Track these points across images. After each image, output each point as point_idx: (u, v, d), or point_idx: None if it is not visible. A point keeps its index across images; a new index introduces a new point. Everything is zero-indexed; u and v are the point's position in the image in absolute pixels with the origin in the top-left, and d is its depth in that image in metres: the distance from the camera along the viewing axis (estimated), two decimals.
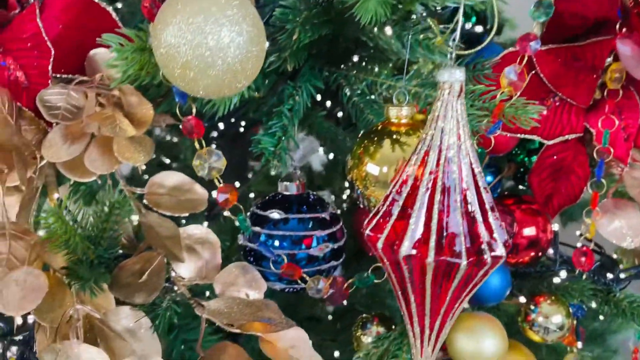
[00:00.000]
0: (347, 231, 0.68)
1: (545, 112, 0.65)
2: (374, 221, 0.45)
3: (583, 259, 0.66)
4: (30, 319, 0.51)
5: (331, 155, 0.99)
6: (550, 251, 0.73)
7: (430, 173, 0.42)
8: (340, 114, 0.95)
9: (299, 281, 0.61)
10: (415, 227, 0.42)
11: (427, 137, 0.43)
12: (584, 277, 0.68)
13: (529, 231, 0.67)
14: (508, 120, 0.58)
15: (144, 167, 0.95)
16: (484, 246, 0.42)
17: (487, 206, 0.43)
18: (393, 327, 0.67)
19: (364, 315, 0.70)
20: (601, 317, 1.01)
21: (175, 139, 1.19)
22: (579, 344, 0.69)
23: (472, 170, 0.43)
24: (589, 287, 0.65)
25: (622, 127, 0.69)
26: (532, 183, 0.72)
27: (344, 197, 1.08)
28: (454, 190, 0.42)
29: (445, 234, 0.41)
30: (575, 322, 0.69)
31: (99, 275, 0.51)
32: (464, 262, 0.41)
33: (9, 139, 0.57)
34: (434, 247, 0.41)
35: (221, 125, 0.88)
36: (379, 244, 0.43)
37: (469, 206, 0.42)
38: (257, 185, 0.95)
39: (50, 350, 0.49)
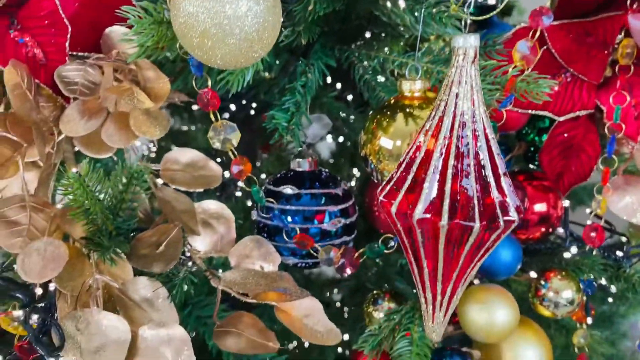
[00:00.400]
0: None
1: (556, 88, 0.65)
2: (388, 188, 0.45)
3: (593, 234, 0.67)
4: (51, 287, 0.52)
5: (340, 139, 1.00)
6: (561, 230, 0.74)
7: (444, 138, 0.43)
8: (350, 97, 0.95)
9: (312, 252, 0.62)
10: (429, 191, 0.42)
11: (441, 103, 0.44)
12: (594, 253, 0.68)
13: (540, 207, 0.67)
14: (520, 94, 0.58)
15: (153, 155, 0.96)
16: (497, 210, 0.42)
17: (500, 171, 0.43)
18: (404, 302, 0.67)
19: (375, 291, 0.71)
20: (610, 300, 1.02)
21: (184, 127, 1.20)
22: (589, 320, 0.69)
23: (486, 135, 0.43)
24: (599, 262, 0.66)
25: (632, 105, 0.70)
26: (542, 161, 0.72)
27: (352, 183, 1.09)
28: (467, 155, 0.42)
29: (458, 197, 0.42)
30: (585, 298, 0.69)
31: (118, 244, 0.52)
32: (477, 225, 0.41)
33: (28, 114, 0.58)
34: (447, 211, 0.42)
35: (232, 107, 0.89)
36: (393, 209, 0.44)
37: (483, 171, 0.42)
38: (268, 165, 0.96)
39: (71, 317, 0.50)
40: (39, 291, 0.55)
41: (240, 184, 0.86)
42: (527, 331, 0.68)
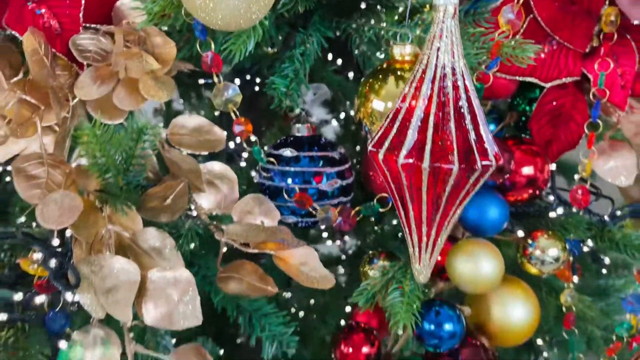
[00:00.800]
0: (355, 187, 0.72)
1: (543, 56, 0.68)
2: (376, 138, 0.49)
3: (579, 196, 0.70)
4: (68, 234, 0.57)
5: (342, 115, 1.04)
6: (552, 198, 0.77)
7: (427, 89, 0.46)
8: (351, 74, 0.99)
9: (311, 210, 0.66)
10: (412, 138, 0.46)
11: (424, 57, 0.48)
12: (581, 214, 0.71)
13: (528, 170, 0.70)
14: (506, 59, 0.62)
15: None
16: (475, 154, 0.46)
17: (479, 120, 0.47)
18: (398, 261, 0.71)
19: (371, 252, 0.75)
20: (604, 271, 1.05)
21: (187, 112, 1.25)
22: (575, 279, 0.72)
23: (466, 86, 0.47)
24: (584, 222, 0.69)
25: (619, 74, 0.73)
26: (532, 129, 0.76)
27: (354, 161, 1.13)
28: (447, 104, 0.46)
29: (439, 143, 0.45)
30: (571, 258, 0.72)
31: (129, 197, 0.56)
32: (455, 167, 0.45)
33: (45, 79, 0.62)
34: (429, 155, 0.45)
35: (237, 81, 0.93)
36: (380, 156, 0.48)
37: (462, 119, 0.46)
38: (271, 139, 1.00)
39: (86, 261, 0.55)
40: (55, 242, 0.59)
41: (245, 154, 0.91)
42: (516, 289, 0.71)
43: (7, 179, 0.99)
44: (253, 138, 0.65)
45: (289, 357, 0.71)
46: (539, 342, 1.03)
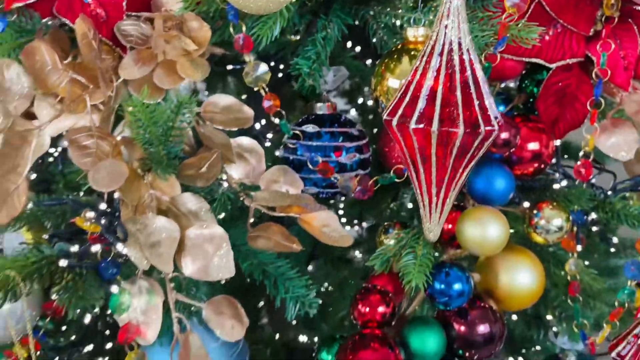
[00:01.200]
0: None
1: (547, 38, 0.73)
2: (390, 107, 0.55)
3: (582, 170, 0.75)
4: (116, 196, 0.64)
5: (360, 100, 1.10)
6: (557, 175, 0.82)
7: (436, 62, 0.52)
8: (369, 62, 1.05)
9: (332, 179, 0.71)
10: (422, 106, 0.51)
11: (433, 34, 0.53)
12: (584, 186, 0.76)
13: (533, 145, 0.75)
14: (512, 40, 0.67)
15: None
16: (479, 119, 0.51)
17: (483, 90, 0.52)
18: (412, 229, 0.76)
19: (386, 223, 0.80)
20: (612, 250, 1.09)
21: None
22: (579, 248, 0.77)
23: (471, 60, 0.52)
24: (586, 194, 0.74)
25: (621, 56, 0.77)
26: (539, 108, 0.80)
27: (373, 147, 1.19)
28: (454, 75, 0.51)
29: (447, 110, 0.51)
30: (575, 229, 0.77)
31: (168, 164, 0.63)
32: (461, 130, 0.51)
33: (93, 61, 0.69)
34: (438, 121, 0.51)
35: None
36: (394, 123, 0.53)
37: (468, 88, 0.51)
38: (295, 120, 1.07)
39: (132, 220, 0.62)
40: (102, 206, 0.66)
41: (269, 135, 0.97)
42: (522, 257, 0.76)
43: (50, 159, 1.07)
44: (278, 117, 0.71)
45: (310, 318, 0.77)
46: (549, 317, 1.07)
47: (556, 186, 0.75)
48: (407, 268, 0.68)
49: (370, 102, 1.21)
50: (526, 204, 0.75)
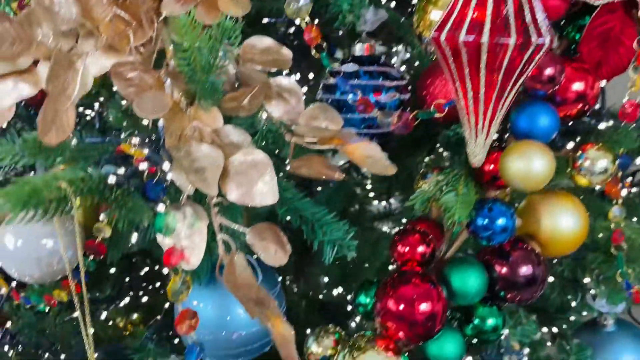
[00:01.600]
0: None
1: None
2: (437, 24, 0.54)
3: (629, 110, 0.73)
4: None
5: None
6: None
7: None
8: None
9: (369, 122, 0.71)
10: (472, 17, 0.51)
11: None
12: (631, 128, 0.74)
13: (578, 86, 0.74)
14: None
15: None
16: (530, 31, 0.50)
17: (535, 4, 0.51)
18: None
19: (425, 167, 0.80)
20: None
21: None
22: (624, 192, 0.75)
23: None
24: (632, 134, 0.72)
25: None
26: (582, 52, 0.79)
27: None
28: None
29: (497, 21, 0.50)
30: (620, 173, 0.76)
31: (212, 95, 0.63)
32: (512, 40, 0.50)
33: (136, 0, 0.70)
34: (488, 31, 0.50)
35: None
36: (442, 37, 0.53)
37: (519, 1, 0.51)
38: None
39: (176, 147, 0.62)
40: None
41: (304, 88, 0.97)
42: (565, 201, 0.75)
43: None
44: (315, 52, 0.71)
45: (347, 260, 0.77)
46: (586, 280, 1.05)
47: (601, 126, 0.74)
48: (449, 203, 0.67)
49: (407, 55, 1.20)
50: (570, 146, 0.74)
